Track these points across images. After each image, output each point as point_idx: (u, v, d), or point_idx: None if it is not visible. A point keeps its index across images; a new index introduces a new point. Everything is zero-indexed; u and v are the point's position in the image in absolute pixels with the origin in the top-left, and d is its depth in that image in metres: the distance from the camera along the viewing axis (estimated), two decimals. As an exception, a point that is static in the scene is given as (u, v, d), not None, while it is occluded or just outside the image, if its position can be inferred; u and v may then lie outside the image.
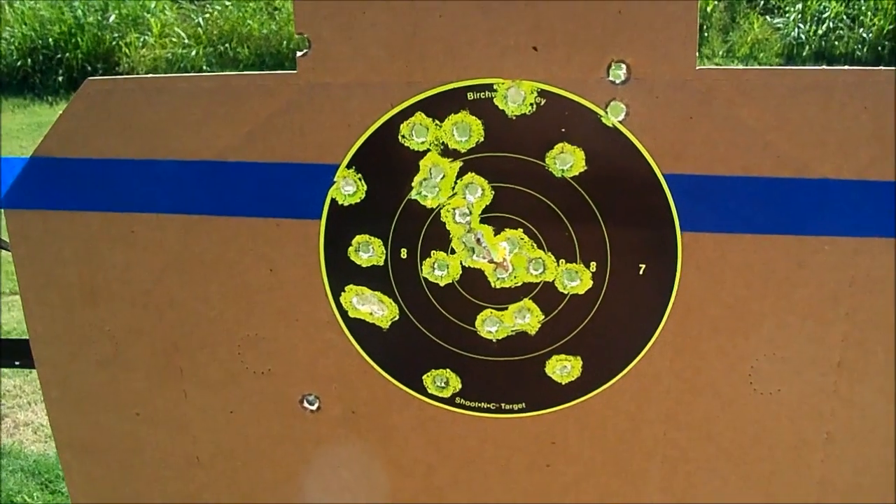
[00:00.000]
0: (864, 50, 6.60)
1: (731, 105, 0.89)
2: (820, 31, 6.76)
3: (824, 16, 6.78)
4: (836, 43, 6.71)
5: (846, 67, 0.88)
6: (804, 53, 6.66)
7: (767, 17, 7.04)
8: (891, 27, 6.55)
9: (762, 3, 7.17)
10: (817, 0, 6.84)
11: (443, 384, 1.04)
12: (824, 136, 0.89)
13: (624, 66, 0.89)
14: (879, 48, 6.58)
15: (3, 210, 1.06)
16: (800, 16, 6.83)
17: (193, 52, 7.01)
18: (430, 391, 1.05)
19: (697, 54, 0.89)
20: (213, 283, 1.05)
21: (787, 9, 6.98)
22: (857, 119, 0.88)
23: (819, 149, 0.89)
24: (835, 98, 0.87)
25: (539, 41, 0.90)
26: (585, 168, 0.93)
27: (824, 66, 0.92)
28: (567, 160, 0.93)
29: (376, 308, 1.02)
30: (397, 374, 1.05)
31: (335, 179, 0.97)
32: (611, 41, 0.88)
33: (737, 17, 7.09)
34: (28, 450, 2.62)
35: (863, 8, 6.72)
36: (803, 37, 6.75)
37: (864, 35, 6.62)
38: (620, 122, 0.91)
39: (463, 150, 0.94)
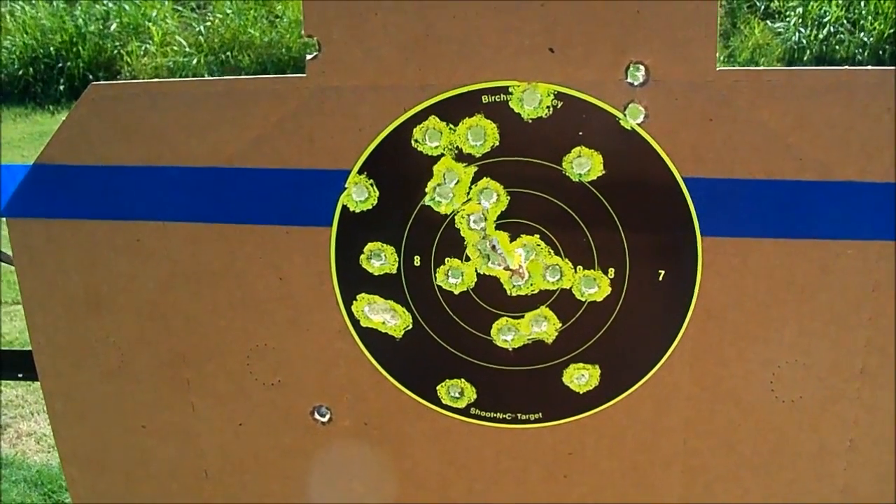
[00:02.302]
0: (865, 54, 6.59)
1: (752, 107, 0.87)
2: (821, 36, 6.76)
3: (825, 20, 6.78)
4: (837, 47, 6.71)
5: (869, 67, 0.86)
6: (805, 58, 6.66)
7: (768, 22, 7.04)
8: (891, 31, 6.54)
9: (763, 7, 7.17)
10: (818, 4, 6.83)
11: (457, 394, 1.02)
12: (847, 137, 0.87)
13: (642, 67, 0.87)
14: (880, 52, 6.57)
15: (4, 219, 1.04)
16: (800, 20, 6.83)
17: (195, 61, 7.00)
18: (444, 402, 1.02)
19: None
20: (221, 292, 1.03)
21: (787, 13, 6.98)
22: (880, 120, 0.86)
23: (841, 151, 0.87)
24: (857, 99, 0.85)
25: (555, 42, 0.88)
26: (603, 172, 0.91)
27: (846, 67, 0.90)
28: (584, 164, 0.91)
29: (389, 317, 1.00)
30: (411, 385, 1.02)
31: (346, 185, 0.95)
32: (629, 42, 0.86)
33: (738, 23, 7.09)
34: (31, 460, 2.60)
35: (863, 12, 6.72)
36: (804, 41, 6.75)
37: (865, 39, 6.62)
38: (639, 124, 0.89)
39: (478, 155, 0.92)
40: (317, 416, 1.06)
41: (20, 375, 1.28)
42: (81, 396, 1.12)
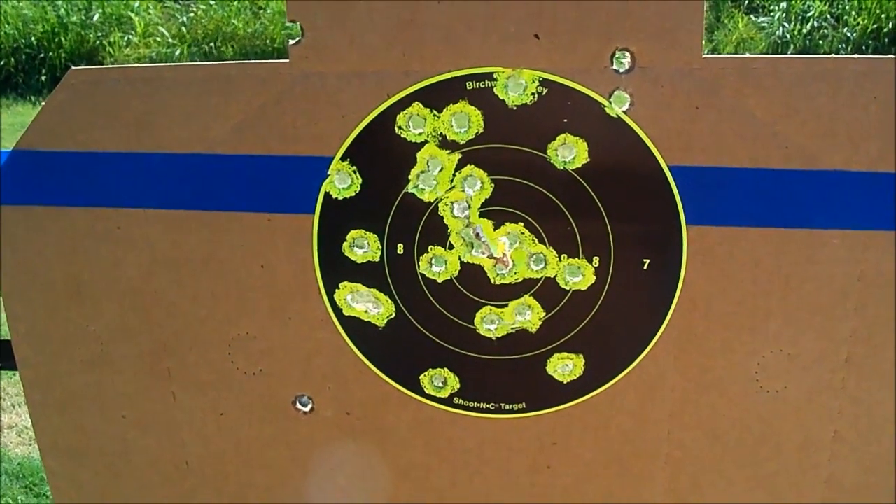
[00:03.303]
0: (849, 49, 6.62)
1: (739, 95, 0.86)
2: (804, 31, 6.77)
3: (808, 15, 6.80)
4: (821, 42, 6.73)
5: (856, 56, 0.86)
6: (789, 52, 6.67)
7: (752, 17, 7.05)
8: (874, 26, 6.57)
9: (747, 2, 7.18)
10: (801, -1, 6.86)
11: (440, 384, 1.01)
12: (834, 126, 0.86)
13: (628, 54, 0.86)
14: (863, 47, 6.60)
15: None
16: (784, 15, 6.85)
17: (178, 52, 6.96)
18: (427, 391, 1.02)
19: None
20: (203, 280, 1.01)
21: (771, 8, 7.00)
22: (867, 109, 0.85)
23: (828, 140, 0.87)
24: (844, 87, 0.85)
25: (541, 28, 0.87)
26: (588, 160, 0.90)
27: (833, 55, 0.89)
28: (569, 152, 0.90)
29: (372, 306, 0.99)
30: (394, 374, 1.02)
31: (329, 172, 0.94)
32: (615, 29, 0.86)
33: (721, 17, 7.10)
34: (12, 453, 2.59)
35: (847, 7, 6.74)
36: (788, 36, 6.77)
37: (849, 34, 6.64)
38: (624, 112, 0.88)
39: (462, 142, 0.91)
40: (299, 405, 1.05)
41: (-2, 365, 1.26)
42: (61, 386, 1.10)
